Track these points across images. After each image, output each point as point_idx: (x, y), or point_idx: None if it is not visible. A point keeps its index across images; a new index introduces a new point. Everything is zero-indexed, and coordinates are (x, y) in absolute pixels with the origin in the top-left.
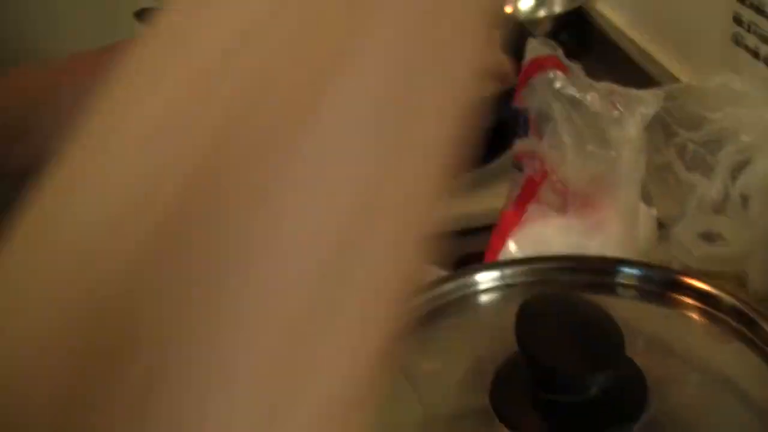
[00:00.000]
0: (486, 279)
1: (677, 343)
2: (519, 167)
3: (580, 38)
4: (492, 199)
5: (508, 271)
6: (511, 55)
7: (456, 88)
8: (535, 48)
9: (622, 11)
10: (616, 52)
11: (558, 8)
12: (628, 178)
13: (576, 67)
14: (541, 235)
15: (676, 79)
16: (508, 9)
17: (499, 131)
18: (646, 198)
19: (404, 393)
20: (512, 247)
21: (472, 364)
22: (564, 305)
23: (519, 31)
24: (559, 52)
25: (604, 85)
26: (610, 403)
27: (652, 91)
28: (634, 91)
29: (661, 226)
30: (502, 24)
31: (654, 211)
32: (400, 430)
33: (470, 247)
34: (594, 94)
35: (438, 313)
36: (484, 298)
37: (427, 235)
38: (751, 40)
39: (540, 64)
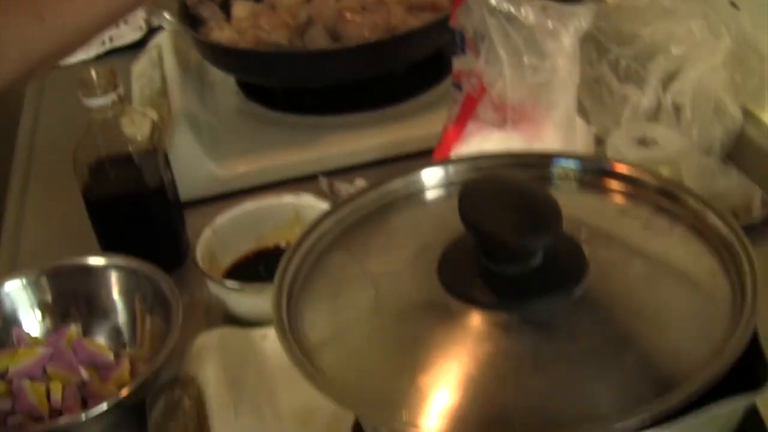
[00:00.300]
0: (431, 177)
1: (614, 225)
2: (458, 86)
3: None
4: (436, 124)
5: (451, 168)
6: None
7: None
8: None
9: None
10: None
11: None
12: (565, 87)
13: None
14: (481, 148)
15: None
16: None
17: (438, 58)
18: (582, 112)
19: (356, 279)
20: None
21: (420, 250)
22: (504, 185)
23: None
24: None
25: (537, 2)
26: (551, 270)
27: (584, 5)
28: (566, 6)
29: (597, 141)
30: None
31: (589, 126)
32: (354, 311)
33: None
34: (528, 8)
35: (386, 209)
36: (430, 195)
37: None
38: None
39: None
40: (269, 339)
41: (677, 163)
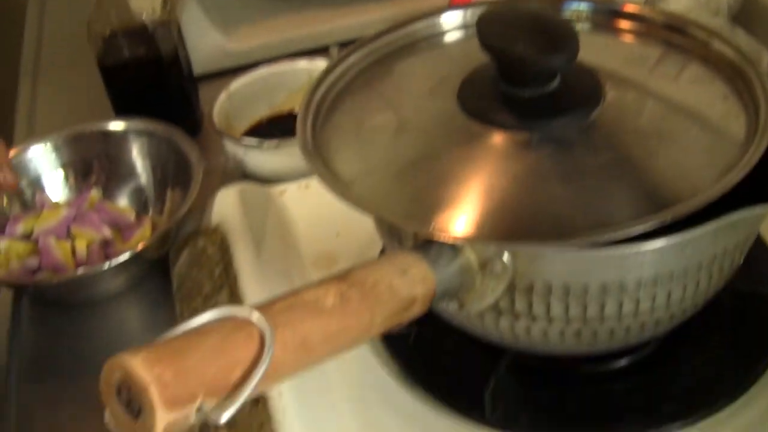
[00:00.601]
0: (450, 19)
1: (627, 62)
2: None
3: None
4: None
5: (470, 13)
6: None
7: None
8: None
9: None
10: None
11: None
12: None
13: None
14: None
15: None
16: None
17: None
18: None
19: (378, 108)
20: None
21: (441, 81)
22: (521, 11)
23: None
24: None
25: None
26: (568, 94)
27: None
28: None
29: None
30: None
31: None
32: (378, 137)
33: None
34: None
35: (407, 49)
36: (449, 37)
37: None
38: None
39: None
40: (288, 194)
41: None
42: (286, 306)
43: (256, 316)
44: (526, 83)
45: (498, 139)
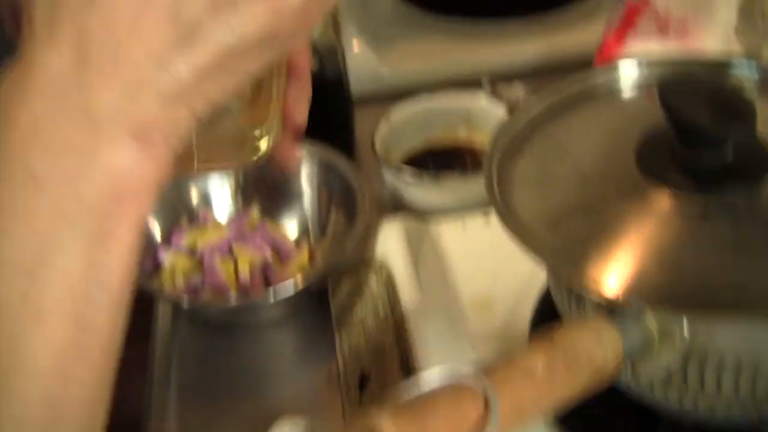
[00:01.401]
0: (625, 74)
1: None
2: None
3: None
4: (594, 33)
5: (645, 68)
6: None
7: None
8: None
9: None
10: None
11: None
12: (728, 2)
13: None
14: None
15: None
16: None
17: None
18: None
19: (563, 167)
20: None
21: (618, 135)
22: (699, 80)
23: None
24: None
25: None
26: (742, 164)
27: None
28: None
29: None
30: None
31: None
32: (562, 199)
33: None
34: None
35: (584, 99)
36: (623, 91)
37: None
38: None
39: None
40: (446, 230)
41: None
42: (506, 374)
43: (484, 385)
44: (704, 150)
45: (674, 202)
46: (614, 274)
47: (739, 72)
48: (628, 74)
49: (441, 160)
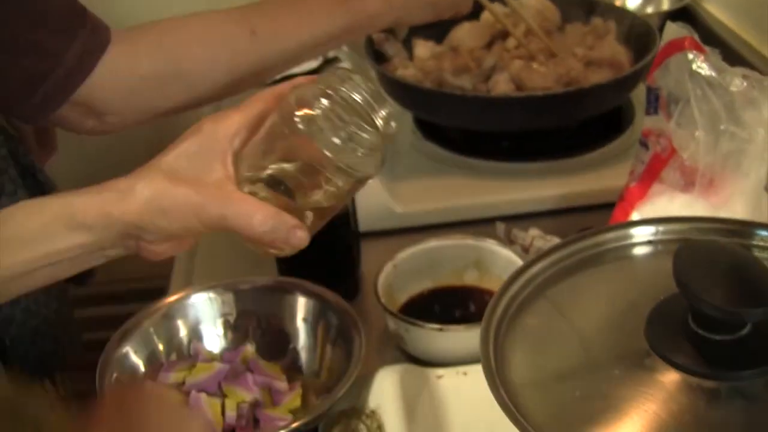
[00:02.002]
0: (638, 233)
1: None
2: (645, 144)
3: None
4: (611, 179)
5: (660, 227)
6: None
7: None
8: (673, 31)
9: (729, 9)
10: (723, 50)
11: (666, 5)
12: (760, 158)
13: (712, 50)
14: (665, 211)
15: None
16: (617, 2)
17: (616, 116)
18: None
19: (564, 332)
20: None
21: (628, 306)
22: (718, 250)
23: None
24: (696, 35)
25: (739, 69)
26: (759, 342)
27: None
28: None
29: None
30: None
31: None
32: (561, 364)
33: (591, 222)
34: (731, 76)
35: (594, 260)
36: (636, 251)
37: None
38: None
39: (678, 46)
40: (445, 379)
41: None
42: None
43: None
44: (718, 329)
45: (683, 383)
46: None
47: (765, 234)
48: (643, 233)
49: (448, 303)
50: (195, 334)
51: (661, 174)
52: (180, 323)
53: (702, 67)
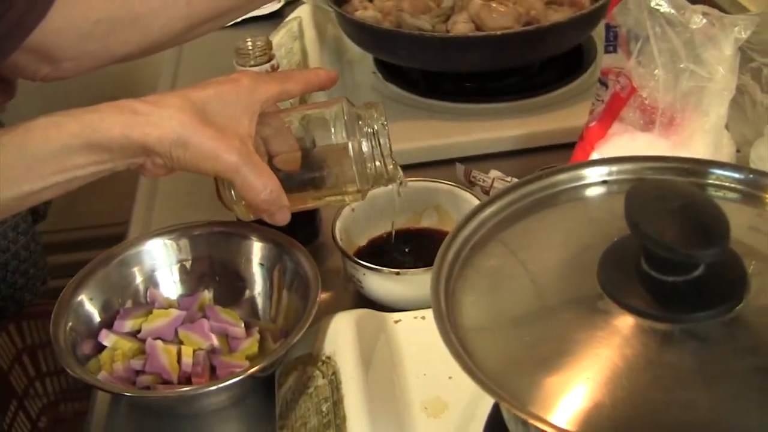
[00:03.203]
0: (592, 173)
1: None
2: (604, 83)
3: None
4: (573, 118)
5: (613, 167)
6: None
7: None
8: None
9: None
10: None
11: None
12: (719, 96)
13: None
14: (625, 150)
15: (747, 11)
16: None
17: (578, 55)
18: None
19: (517, 275)
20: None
21: (580, 249)
22: (672, 191)
23: None
24: None
25: (699, 7)
26: (713, 283)
27: (747, 15)
28: (728, 15)
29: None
30: None
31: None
32: (514, 308)
33: (553, 162)
34: (691, 13)
35: (544, 202)
36: (590, 192)
37: None
38: None
39: None
40: (403, 324)
41: None
42: None
43: None
44: (671, 270)
45: (636, 326)
46: (562, 402)
47: (721, 173)
48: (597, 173)
49: (408, 245)
50: (151, 280)
51: (621, 113)
52: (135, 270)
53: (661, 4)
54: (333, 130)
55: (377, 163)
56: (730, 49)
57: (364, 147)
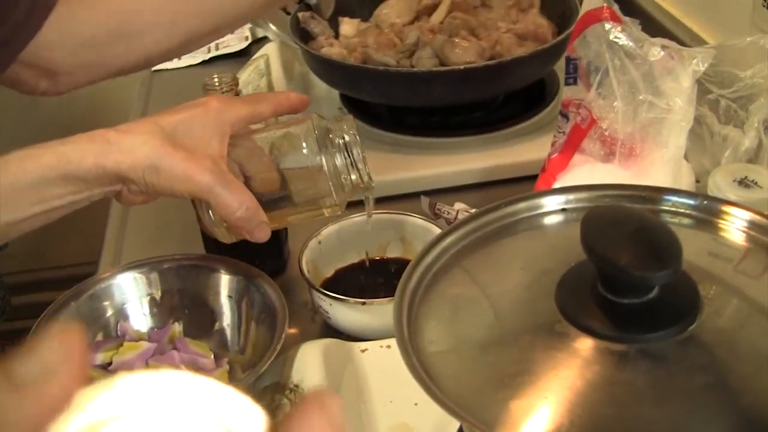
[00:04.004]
0: (550, 202)
1: (726, 266)
2: (565, 115)
3: None
4: (536, 151)
5: (571, 196)
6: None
7: None
8: (591, 1)
9: None
10: (645, 20)
11: None
12: (678, 128)
13: (631, 21)
14: (586, 180)
15: (705, 44)
16: None
17: (539, 89)
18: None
19: (478, 301)
20: None
21: (538, 273)
22: (627, 216)
23: None
24: (615, 6)
25: (658, 40)
26: (667, 305)
27: (704, 48)
28: (686, 48)
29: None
30: None
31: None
32: (476, 333)
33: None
34: (650, 46)
35: (504, 230)
36: (548, 220)
37: None
38: None
39: (595, 16)
40: (369, 352)
41: None
42: None
43: None
44: (626, 292)
45: (593, 347)
46: (526, 423)
47: (675, 200)
48: (555, 202)
49: (374, 276)
50: (121, 313)
51: (582, 144)
52: (106, 303)
53: (619, 37)
54: (305, 145)
55: (353, 176)
56: (688, 82)
57: (338, 160)
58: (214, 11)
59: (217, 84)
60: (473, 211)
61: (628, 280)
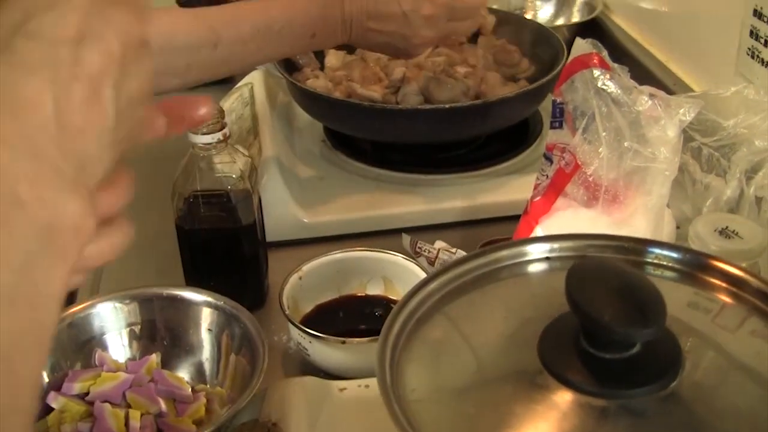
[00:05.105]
0: (534, 250)
1: (708, 321)
2: (548, 158)
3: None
4: (519, 191)
5: (555, 245)
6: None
7: None
8: (581, 47)
9: (637, 23)
10: (631, 63)
11: (576, 17)
12: (662, 177)
13: (620, 68)
14: (568, 226)
15: (690, 90)
16: (529, 15)
17: (523, 129)
18: None
19: (460, 348)
20: (540, 233)
21: (522, 323)
22: (610, 270)
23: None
24: (605, 53)
25: (646, 88)
26: (649, 360)
27: (691, 97)
28: (674, 97)
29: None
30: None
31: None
32: (456, 380)
33: (498, 234)
34: (637, 94)
35: (488, 277)
36: (532, 268)
37: None
38: (766, 53)
39: (584, 62)
40: (348, 391)
41: (757, 257)
42: None
43: None
44: (609, 347)
45: (574, 401)
46: None
47: (659, 252)
48: (539, 250)
49: (354, 313)
50: (100, 343)
51: (566, 188)
52: (85, 333)
53: (608, 84)
54: None
55: None
56: (674, 131)
57: None
58: (232, 68)
59: None
60: (454, 250)
61: (611, 335)
